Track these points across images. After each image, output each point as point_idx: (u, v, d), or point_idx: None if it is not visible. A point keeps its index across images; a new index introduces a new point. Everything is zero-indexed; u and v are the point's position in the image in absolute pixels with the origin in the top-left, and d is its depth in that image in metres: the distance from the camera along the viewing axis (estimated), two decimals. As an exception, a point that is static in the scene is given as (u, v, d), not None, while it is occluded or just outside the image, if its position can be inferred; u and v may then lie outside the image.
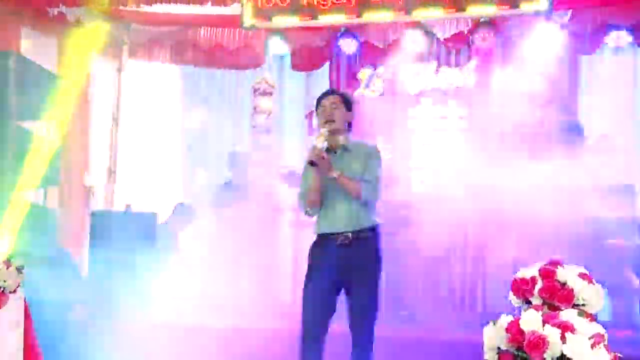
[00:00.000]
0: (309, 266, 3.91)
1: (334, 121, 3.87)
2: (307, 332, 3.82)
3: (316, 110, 4.01)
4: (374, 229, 3.88)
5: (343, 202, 3.83)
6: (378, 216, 3.93)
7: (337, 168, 3.81)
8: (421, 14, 6.48)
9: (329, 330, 3.84)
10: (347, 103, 3.98)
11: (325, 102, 3.94)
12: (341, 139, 3.91)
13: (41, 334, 4.04)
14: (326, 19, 6.64)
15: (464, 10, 6.31)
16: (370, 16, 6.58)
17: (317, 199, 3.88)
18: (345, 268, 3.78)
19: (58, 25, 6.98)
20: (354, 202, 3.81)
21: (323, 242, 3.89)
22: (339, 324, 3.88)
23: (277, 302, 6.17)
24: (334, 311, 3.86)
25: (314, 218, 3.97)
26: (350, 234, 3.81)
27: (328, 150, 3.82)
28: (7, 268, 3.71)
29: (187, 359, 4.97)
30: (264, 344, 5.02)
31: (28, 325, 3.92)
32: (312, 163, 3.77)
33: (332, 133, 3.85)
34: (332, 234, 3.84)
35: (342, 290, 3.87)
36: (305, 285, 3.89)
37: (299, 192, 4.00)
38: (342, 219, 3.83)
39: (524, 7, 6.18)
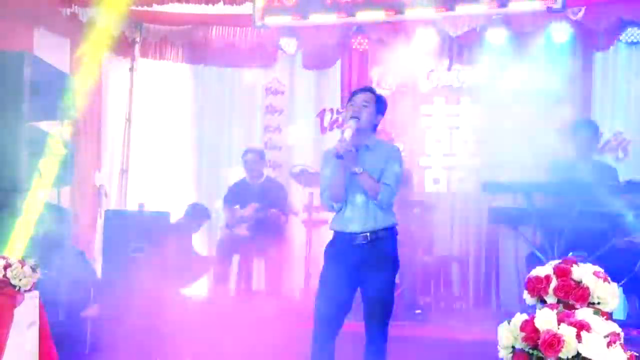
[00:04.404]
0: (325, 263, 3.89)
1: (359, 118, 3.82)
2: (321, 329, 3.81)
3: (348, 103, 3.96)
4: (390, 229, 3.85)
5: (362, 201, 3.80)
6: (394, 216, 3.89)
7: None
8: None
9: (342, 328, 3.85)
10: (379, 103, 3.93)
11: (358, 97, 3.90)
12: (364, 137, 3.86)
13: (56, 333, 4.06)
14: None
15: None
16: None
17: (342, 193, 3.81)
18: (361, 266, 3.76)
19: (71, 25, 7.01)
20: (372, 201, 3.79)
21: (339, 240, 3.86)
22: (350, 321, 3.88)
23: (289, 300, 6.18)
24: (350, 308, 3.84)
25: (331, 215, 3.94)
26: (368, 234, 3.78)
27: None
28: (22, 267, 3.73)
29: (199, 358, 4.99)
30: (277, 342, 5.02)
31: (43, 324, 3.94)
32: (339, 155, 3.72)
33: (357, 130, 3.79)
34: (350, 232, 3.81)
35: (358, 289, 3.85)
36: (322, 283, 3.86)
37: (321, 188, 3.93)
38: (360, 218, 3.79)
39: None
